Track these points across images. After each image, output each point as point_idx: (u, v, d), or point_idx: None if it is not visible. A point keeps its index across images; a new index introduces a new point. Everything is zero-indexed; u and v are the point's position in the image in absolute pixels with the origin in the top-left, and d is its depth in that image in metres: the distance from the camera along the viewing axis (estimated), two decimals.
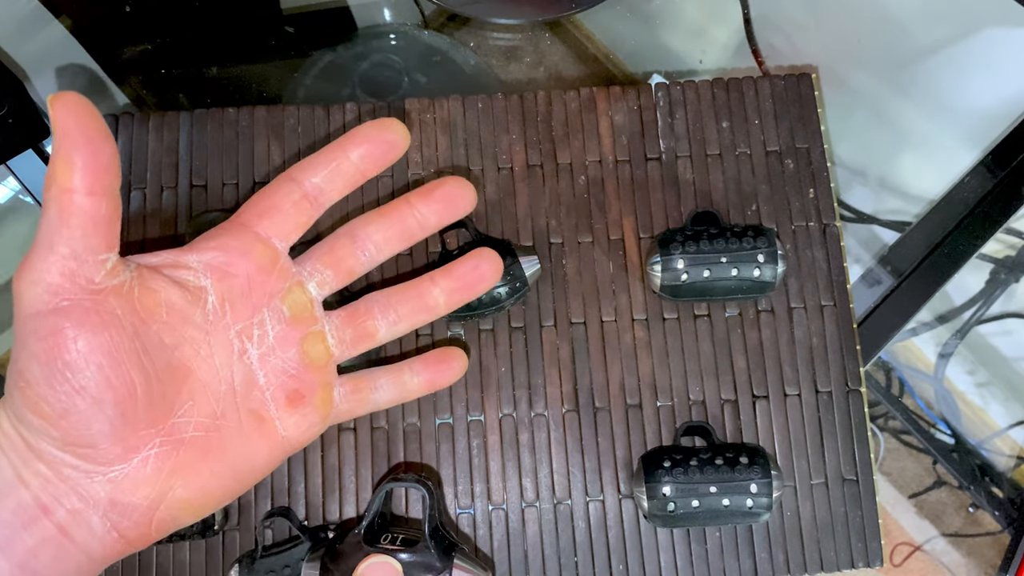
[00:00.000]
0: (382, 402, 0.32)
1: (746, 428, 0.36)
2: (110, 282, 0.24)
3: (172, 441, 0.25)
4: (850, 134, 0.46)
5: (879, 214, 0.45)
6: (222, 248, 0.28)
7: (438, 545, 0.31)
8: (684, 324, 0.37)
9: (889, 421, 0.47)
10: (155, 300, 0.25)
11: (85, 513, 0.24)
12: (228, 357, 0.27)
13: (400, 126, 0.30)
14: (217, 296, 0.27)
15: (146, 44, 0.48)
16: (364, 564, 0.29)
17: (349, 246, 0.30)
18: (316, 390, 0.29)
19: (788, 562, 0.35)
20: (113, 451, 0.24)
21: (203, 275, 0.27)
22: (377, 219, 0.31)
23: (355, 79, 0.47)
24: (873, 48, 0.48)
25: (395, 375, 0.32)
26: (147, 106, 0.46)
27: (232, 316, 0.28)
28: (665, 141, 0.39)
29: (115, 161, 0.24)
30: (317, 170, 0.29)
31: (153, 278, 0.26)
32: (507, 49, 0.48)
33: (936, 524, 0.46)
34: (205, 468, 0.26)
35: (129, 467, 0.24)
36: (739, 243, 0.34)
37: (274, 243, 0.29)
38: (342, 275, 0.30)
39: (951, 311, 0.48)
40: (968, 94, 0.46)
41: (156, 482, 0.25)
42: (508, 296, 0.34)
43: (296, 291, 0.29)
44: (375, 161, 0.30)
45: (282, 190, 0.29)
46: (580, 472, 0.35)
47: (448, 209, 0.31)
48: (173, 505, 0.25)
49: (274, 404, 0.28)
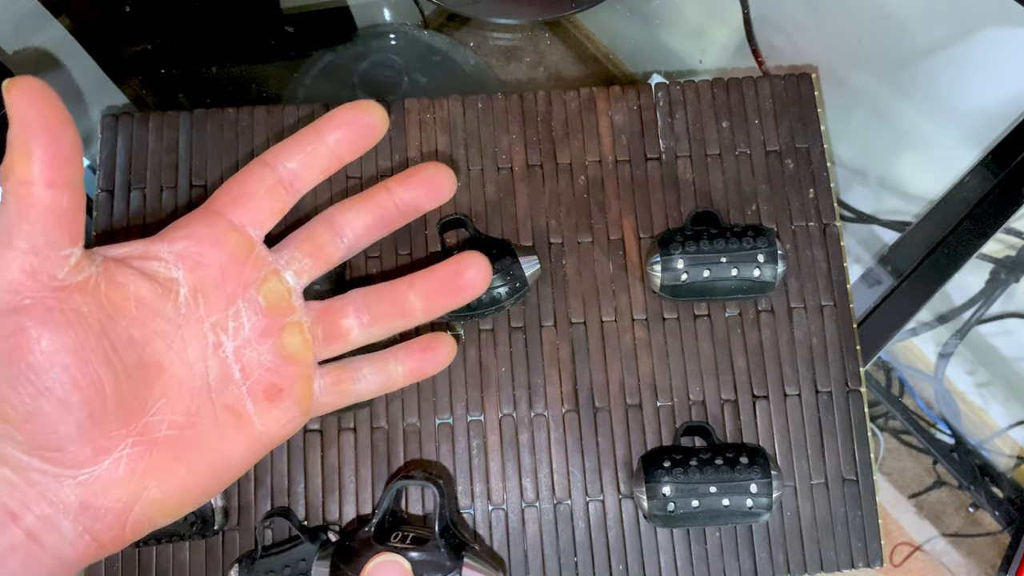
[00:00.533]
0: (365, 392, 0.30)
1: (746, 428, 0.36)
2: (75, 278, 0.23)
3: (145, 441, 0.24)
4: (850, 134, 0.46)
5: (879, 214, 0.45)
6: (194, 237, 0.27)
7: (448, 544, 0.30)
8: (684, 324, 0.37)
9: (889, 421, 0.47)
10: (123, 295, 0.24)
11: (55, 518, 0.23)
12: (202, 351, 0.26)
13: (378, 108, 0.28)
14: (189, 288, 0.26)
15: (146, 44, 0.48)
16: (372, 563, 0.28)
17: (327, 233, 0.29)
18: (295, 383, 0.28)
19: (788, 562, 0.35)
20: (83, 454, 0.23)
21: (174, 266, 0.26)
22: (356, 205, 0.30)
23: (355, 79, 0.47)
24: (873, 48, 0.48)
25: (379, 364, 0.30)
26: (147, 106, 0.46)
27: (205, 308, 0.27)
28: (665, 141, 0.39)
29: (76, 150, 0.22)
30: (292, 155, 0.28)
31: (121, 271, 0.25)
32: (507, 49, 0.48)
33: (936, 524, 0.46)
34: (180, 467, 0.25)
35: (100, 469, 0.23)
36: (739, 243, 0.34)
37: (248, 231, 0.28)
38: (320, 263, 0.29)
39: (951, 311, 0.48)
40: (968, 94, 0.46)
41: (129, 484, 0.24)
42: (508, 296, 0.34)
43: (272, 280, 0.28)
44: (352, 145, 0.28)
45: (255, 175, 0.28)
46: (580, 472, 0.35)
47: (428, 194, 0.30)
48: (148, 506, 0.25)
49: (251, 399, 0.27)
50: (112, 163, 0.37)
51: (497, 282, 0.34)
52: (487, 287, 0.30)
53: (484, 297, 0.34)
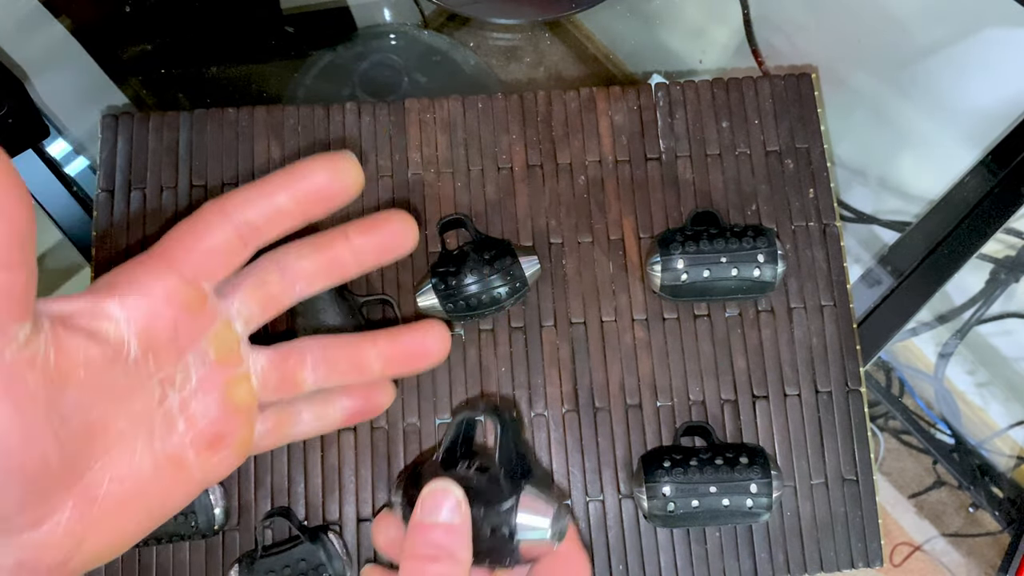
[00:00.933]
0: (300, 435, 0.30)
1: (746, 428, 0.36)
2: (23, 354, 0.22)
3: (86, 499, 0.24)
4: (850, 134, 0.46)
5: (879, 214, 0.45)
6: (144, 293, 0.26)
7: (508, 473, 0.30)
8: (684, 324, 0.37)
9: (889, 421, 0.47)
10: (72, 362, 0.23)
11: None
12: (148, 405, 0.25)
13: (354, 165, 0.27)
14: (140, 346, 0.25)
15: (146, 44, 0.48)
16: (427, 488, 0.28)
17: (279, 282, 0.28)
18: (237, 432, 0.27)
19: (788, 562, 0.35)
20: (23, 522, 0.22)
21: (124, 325, 0.25)
22: (309, 251, 0.28)
23: (355, 79, 0.47)
24: (873, 48, 0.48)
25: (319, 407, 0.30)
26: (147, 106, 0.46)
27: (155, 364, 0.26)
28: (665, 141, 0.39)
29: (31, 229, 0.21)
30: (254, 206, 0.27)
31: (70, 337, 0.24)
32: (507, 49, 0.48)
33: (936, 524, 0.46)
34: (119, 519, 0.25)
35: (39, 534, 0.23)
36: (739, 243, 0.34)
37: (202, 285, 0.27)
38: (270, 312, 0.28)
39: (951, 311, 0.48)
40: (968, 94, 0.46)
41: (67, 543, 0.23)
42: (508, 296, 0.34)
43: (222, 331, 0.27)
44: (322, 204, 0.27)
45: (212, 227, 0.26)
46: (580, 472, 0.35)
47: (387, 246, 0.29)
48: (85, 555, 0.24)
49: (193, 449, 0.26)
50: (112, 163, 0.37)
51: (497, 282, 0.34)
52: (447, 355, 0.30)
53: (484, 297, 0.34)
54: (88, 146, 0.44)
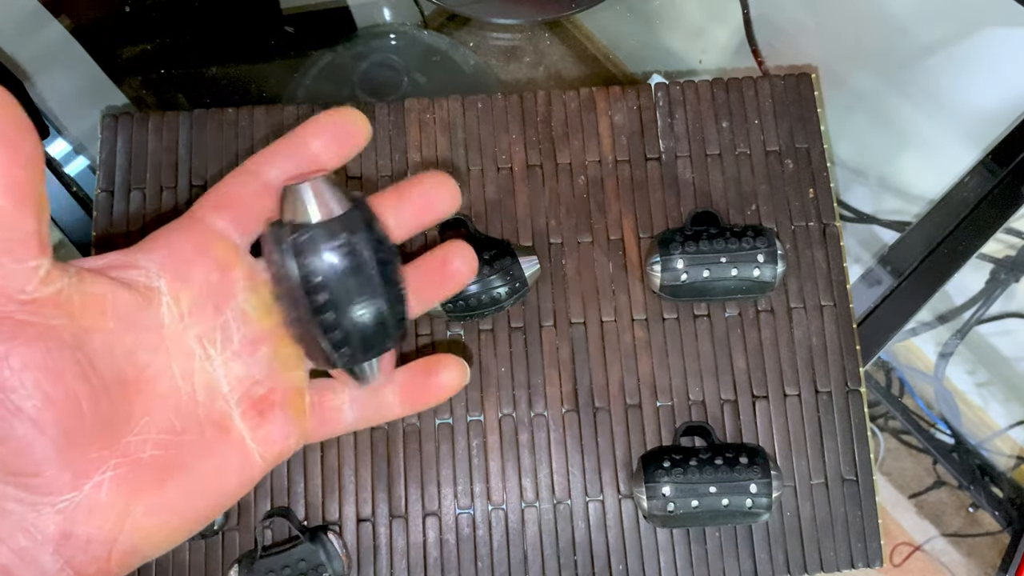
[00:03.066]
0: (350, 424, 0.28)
1: (746, 428, 0.36)
2: (45, 291, 0.21)
3: (128, 462, 0.23)
4: (850, 134, 0.46)
5: (879, 214, 0.45)
6: (177, 245, 0.25)
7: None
8: (684, 324, 0.37)
9: (889, 421, 0.47)
10: (100, 307, 0.23)
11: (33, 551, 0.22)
12: (188, 364, 0.25)
13: (360, 115, 0.27)
14: (173, 298, 0.25)
15: (146, 44, 0.48)
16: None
17: None
18: (287, 396, 0.27)
19: (788, 562, 0.35)
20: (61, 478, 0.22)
21: (156, 275, 0.25)
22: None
23: (355, 79, 0.47)
24: (873, 48, 0.48)
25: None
26: (147, 106, 0.46)
27: (191, 319, 0.25)
28: (665, 141, 0.39)
29: (37, 156, 0.21)
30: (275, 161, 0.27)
31: (97, 282, 0.23)
32: (507, 49, 0.48)
33: (936, 524, 0.46)
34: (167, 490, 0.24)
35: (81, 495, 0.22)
36: (739, 243, 0.34)
37: (234, 238, 0.26)
38: None
39: (951, 311, 0.48)
40: (968, 94, 0.47)
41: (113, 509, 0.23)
42: (508, 296, 0.34)
43: (262, 289, 0.27)
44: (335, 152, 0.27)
45: (239, 181, 0.27)
46: (580, 472, 0.35)
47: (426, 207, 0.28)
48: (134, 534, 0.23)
49: (240, 413, 0.26)
50: (112, 163, 0.37)
51: (497, 282, 0.34)
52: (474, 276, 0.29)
53: (484, 297, 0.34)
54: (88, 146, 0.44)
